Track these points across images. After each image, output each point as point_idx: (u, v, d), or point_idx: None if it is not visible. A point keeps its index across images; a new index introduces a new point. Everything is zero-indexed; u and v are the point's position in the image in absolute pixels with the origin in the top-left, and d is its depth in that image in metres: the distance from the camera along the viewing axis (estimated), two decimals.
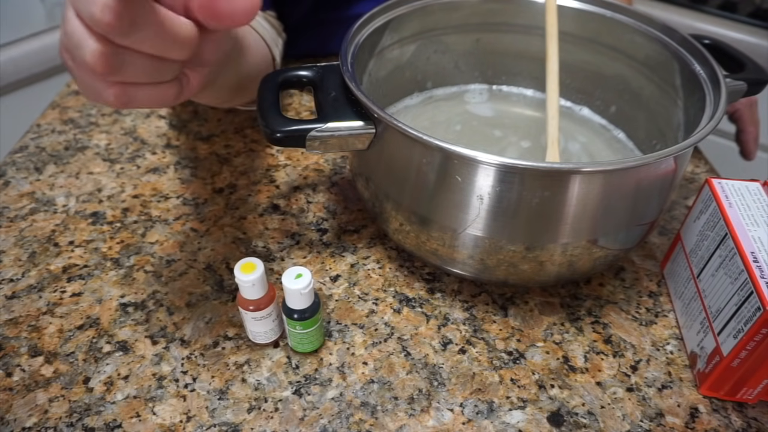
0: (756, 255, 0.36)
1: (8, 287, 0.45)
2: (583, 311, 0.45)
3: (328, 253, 0.49)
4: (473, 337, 0.43)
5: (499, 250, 0.39)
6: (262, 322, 0.39)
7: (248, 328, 0.40)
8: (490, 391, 0.39)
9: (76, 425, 0.37)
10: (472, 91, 0.59)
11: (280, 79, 0.43)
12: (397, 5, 0.50)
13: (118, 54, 0.27)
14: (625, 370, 0.41)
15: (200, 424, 0.37)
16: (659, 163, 0.37)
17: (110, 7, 0.24)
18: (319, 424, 0.37)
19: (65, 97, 0.67)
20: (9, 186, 0.54)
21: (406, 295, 0.46)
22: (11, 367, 0.40)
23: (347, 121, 0.40)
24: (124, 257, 0.48)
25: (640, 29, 0.50)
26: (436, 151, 0.37)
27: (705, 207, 0.42)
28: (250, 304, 0.38)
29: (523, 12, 0.54)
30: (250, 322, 0.39)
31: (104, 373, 0.40)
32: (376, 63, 0.51)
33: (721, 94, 0.41)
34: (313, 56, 0.71)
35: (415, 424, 0.37)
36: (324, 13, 0.67)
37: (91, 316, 0.43)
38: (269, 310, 0.39)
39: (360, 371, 0.40)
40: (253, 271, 0.37)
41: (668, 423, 0.38)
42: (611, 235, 0.40)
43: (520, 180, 0.36)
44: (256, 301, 0.38)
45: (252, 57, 0.49)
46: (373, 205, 0.45)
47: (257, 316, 0.39)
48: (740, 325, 0.35)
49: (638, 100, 0.52)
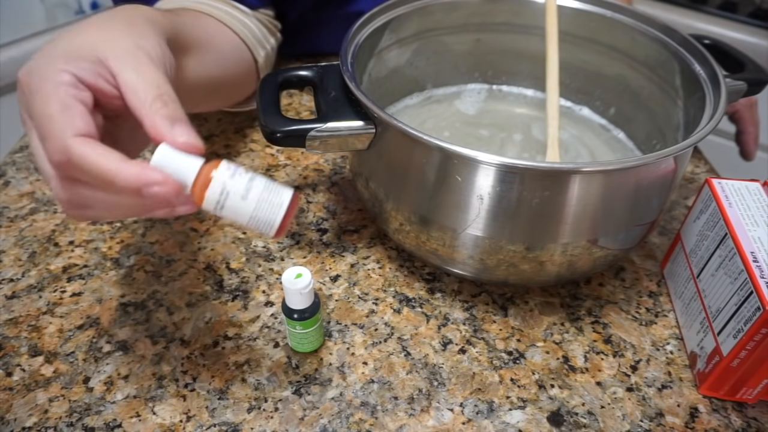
0: (756, 255, 0.36)
1: (8, 287, 0.45)
2: (583, 311, 0.45)
3: (328, 253, 0.49)
4: (473, 337, 0.43)
5: (499, 250, 0.39)
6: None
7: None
8: (490, 390, 0.39)
9: (76, 425, 0.37)
10: (471, 91, 0.59)
11: (280, 79, 0.43)
12: (397, 5, 0.50)
13: (80, 195, 0.31)
14: (625, 370, 0.41)
15: (200, 423, 0.37)
16: (659, 163, 0.37)
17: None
18: (319, 424, 0.37)
19: None
20: (9, 186, 0.54)
21: (406, 295, 0.46)
22: (11, 366, 0.40)
23: (347, 121, 0.40)
24: (124, 257, 0.48)
25: (640, 29, 0.50)
26: (436, 151, 0.37)
27: (705, 207, 0.42)
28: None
29: (523, 12, 0.54)
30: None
31: (104, 373, 0.40)
32: (376, 63, 0.51)
33: (721, 94, 0.41)
34: (313, 56, 0.71)
35: (415, 423, 0.37)
36: (323, 10, 0.67)
37: (91, 316, 0.43)
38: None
39: (360, 371, 0.40)
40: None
41: (668, 423, 0.38)
42: (611, 235, 0.40)
43: (520, 180, 0.36)
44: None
45: (221, 62, 0.49)
46: (373, 205, 0.45)
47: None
48: (740, 324, 0.35)
49: (638, 100, 0.52)
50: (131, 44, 0.32)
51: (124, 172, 0.28)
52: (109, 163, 0.28)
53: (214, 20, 0.50)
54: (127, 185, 0.28)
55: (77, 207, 0.31)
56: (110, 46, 0.31)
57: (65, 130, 0.28)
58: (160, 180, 0.28)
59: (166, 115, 0.30)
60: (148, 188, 0.28)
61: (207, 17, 0.50)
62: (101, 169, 0.28)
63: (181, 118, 0.31)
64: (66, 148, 0.28)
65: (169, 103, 0.31)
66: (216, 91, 0.49)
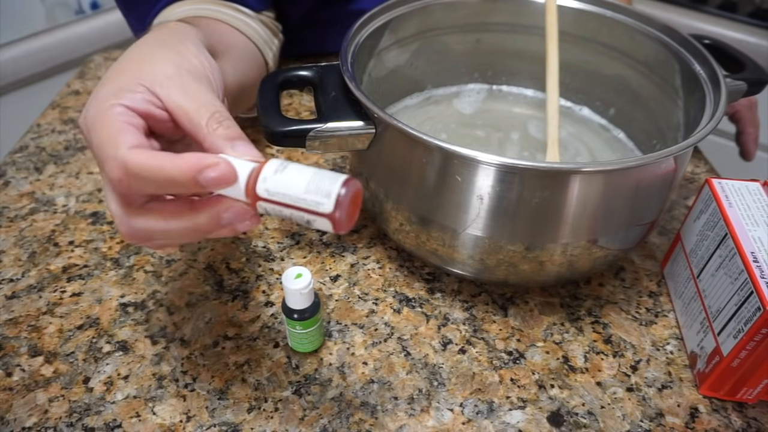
0: (756, 255, 0.36)
1: (8, 287, 0.45)
2: (583, 311, 0.45)
3: (328, 253, 0.49)
4: (473, 337, 0.43)
5: (499, 250, 0.39)
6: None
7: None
8: (490, 391, 0.39)
9: (76, 425, 0.37)
10: (471, 91, 0.59)
11: (280, 79, 0.43)
12: (397, 5, 0.50)
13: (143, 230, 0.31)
14: (625, 370, 0.41)
15: (200, 424, 0.37)
16: (659, 163, 0.37)
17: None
18: (319, 424, 0.37)
19: (65, 97, 0.67)
20: (9, 186, 0.54)
21: (406, 295, 0.46)
22: (11, 366, 0.40)
23: (347, 121, 0.40)
24: (124, 257, 0.48)
25: (640, 29, 0.50)
26: (436, 151, 0.37)
27: (705, 207, 0.42)
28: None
29: (523, 12, 0.54)
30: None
31: (104, 373, 0.40)
32: (376, 63, 0.51)
33: (721, 94, 0.41)
34: (313, 56, 0.71)
35: (415, 424, 0.37)
36: (324, 10, 0.67)
37: (91, 316, 0.43)
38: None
39: (360, 371, 0.40)
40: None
41: (668, 423, 0.38)
42: (611, 235, 0.40)
43: (520, 180, 0.36)
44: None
45: (243, 67, 0.49)
46: (373, 205, 0.45)
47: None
48: (740, 325, 0.35)
49: (638, 100, 0.52)
50: (172, 68, 0.32)
51: (178, 162, 0.28)
52: (163, 159, 0.28)
53: (228, 26, 0.50)
54: (183, 175, 0.28)
55: (141, 240, 0.32)
56: (152, 74, 0.32)
57: (119, 146, 0.29)
58: (213, 162, 0.28)
59: (225, 136, 0.30)
60: (203, 174, 0.27)
61: (222, 24, 0.50)
62: (155, 166, 0.28)
63: (239, 136, 0.30)
64: (121, 160, 0.28)
65: (223, 122, 0.31)
66: (241, 96, 0.49)
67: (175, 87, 0.31)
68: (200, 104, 0.31)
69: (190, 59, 0.34)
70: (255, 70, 0.52)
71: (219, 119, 0.31)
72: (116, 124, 0.30)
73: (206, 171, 0.28)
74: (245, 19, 0.52)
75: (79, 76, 0.71)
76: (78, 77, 0.71)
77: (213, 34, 0.45)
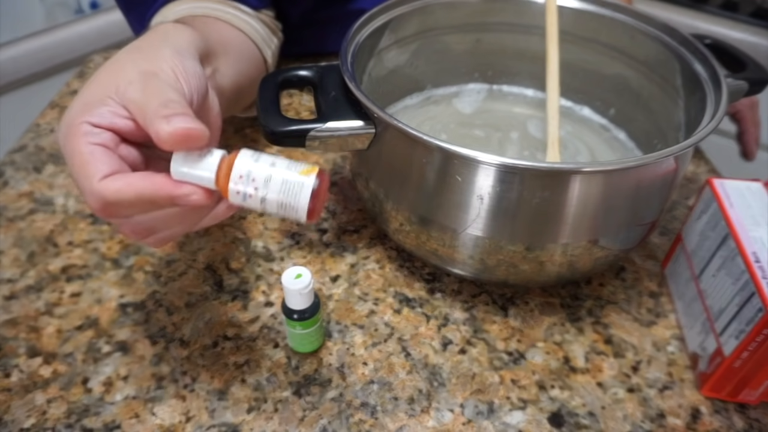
0: (758, 255, 0.36)
1: (7, 287, 0.45)
2: (584, 311, 0.45)
3: (328, 253, 0.49)
4: (473, 337, 0.43)
5: (499, 250, 0.39)
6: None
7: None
8: (491, 391, 0.39)
9: (75, 426, 0.36)
10: (471, 91, 0.59)
11: (280, 79, 0.43)
12: (397, 5, 0.50)
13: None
14: (626, 370, 0.41)
15: (200, 424, 0.37)
16: (660, 163, 0.37)
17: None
18: (319, 425, 0.37)
19: (64, 97, 0.67)
20: (8, 186, 0.54)
21: (406, 295, 0.46)
22: (9, 367, 0.40)
23: (347, 120, 0.40)
24: (124, 257, 0.48)
25: (640, 29, 0.50)
26: (436, 151, 0.37)
27: (706, 207, 0.42)
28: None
29: (523, 12, 0.54)
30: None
31: (103, 374, 0.39)
32: (376, 63, 0.51)
33: (722, 93, 0.41)
34: (313, 56, 0.71)
35: (415, 424, 0.37)
36: (324, 10, 0.67)
37: (90, 317, 0.43)
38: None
39: (360, 371, 0.40)
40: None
41: (669, 424, 0.38)
42: (612, 235, 0.40)
43: (520, 180, 0.36)
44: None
45: (241, 66, 0.49)
46: (373, 205, 0.45)
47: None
48: (742, 325, 0.35)
49: (639, 100, 0.52)
50: (136, 73, 0.32)
51: (156, 181, 0.29)
52: (137, 184, 0.29)
53: (227, 24, 0.50)
54: (158, 194, 0.29)
55: (146, 236, 0.33)
56: (117, 84, 0.32)
57: (91, 179, 0.29)
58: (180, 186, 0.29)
59: (164, 115, 0.29)
60: (177, 192, 0.29)
61: (220, 22, 0.50)
62: (131, 194, 0.29)
63: (181, 113, 0.29)
64: (97, 194, 0.29)
65: (170, 105, 0.29)
66: (240, 94, 0.49)
67: (133, 89, 0.31)
68: (153, 97, 0.30)
69: (160, 65, 0.33)
70: (254, 68, 0.52)
71: (167, 105, 0.29)
72: (85, 149, 0.30)
73: (181, 188, 0.29)
74: (244, 17, 0.52)
75: (78, 75, 0.71)
76: (77, 77, 0.70)
77: (211, 32, 0.44)
